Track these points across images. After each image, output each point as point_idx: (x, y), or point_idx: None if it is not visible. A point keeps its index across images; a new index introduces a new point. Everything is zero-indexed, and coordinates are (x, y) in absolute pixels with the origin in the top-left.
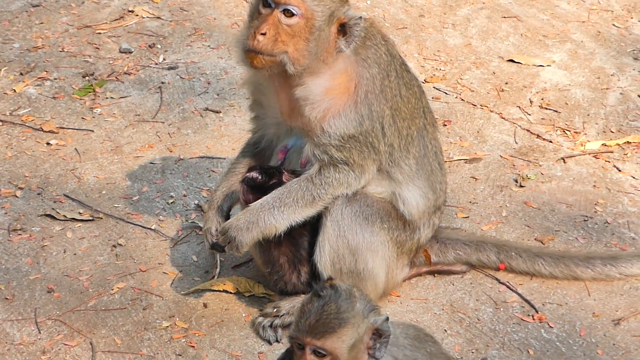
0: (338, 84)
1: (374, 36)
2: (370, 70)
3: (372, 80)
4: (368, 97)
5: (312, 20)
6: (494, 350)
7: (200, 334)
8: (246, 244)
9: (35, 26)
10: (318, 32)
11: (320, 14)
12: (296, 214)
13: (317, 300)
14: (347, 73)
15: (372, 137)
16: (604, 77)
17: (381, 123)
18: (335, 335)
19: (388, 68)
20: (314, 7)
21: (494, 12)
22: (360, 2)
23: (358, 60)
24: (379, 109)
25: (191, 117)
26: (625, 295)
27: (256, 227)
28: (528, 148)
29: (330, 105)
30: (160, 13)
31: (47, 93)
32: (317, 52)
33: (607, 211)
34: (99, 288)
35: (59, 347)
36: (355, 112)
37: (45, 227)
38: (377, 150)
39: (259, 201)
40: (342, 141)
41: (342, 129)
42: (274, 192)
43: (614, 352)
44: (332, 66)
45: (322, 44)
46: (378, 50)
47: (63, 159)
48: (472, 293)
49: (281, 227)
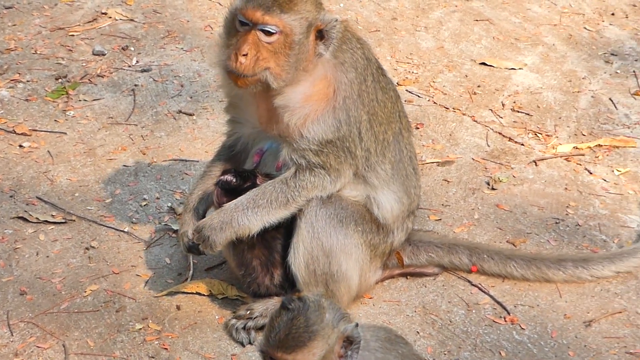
0: (317, 91)
1: (349, 40)
2: (347, 74)
3: (350, 85)
4: (346, 102)
5: (291, 35)
6: (466, 352)
7: (173, 336)
8: (220, 243)
9: (7, 28)
10: (298, 45)
11: (298, 28)
12: (270, 215)
13: (286, 313)
14: (326, 79)
15: (349, 142)
16: (575, 80)
17: (358, 128)
18: (305, 348)
19: (365, 72)
20: (292, 23)
21: (466, 15)
22: (333, 4)
23: (336, 64)
24: (356, 114)
25: (164, 119)
26: (597, 297)
27: (229, 227)
28: (500, 151)
29: (310, 111)
30: (134, 15)
31: (20, 95)
32: (297, 64)
33: (579, 214)
34: (72, 290)
35: (31, 350)
36: (334, 118)
37: (18, 230)
38: (353, 155)
39: (233, 202)
40: (320, 146)
41: (321, 134)
42: (249, 193)
43: (585, 353)
44: (312, 73)
45: (302, 55)
46: (354, 54)
47: (36, 161)
48: (444, 295)
49: (254, 227)
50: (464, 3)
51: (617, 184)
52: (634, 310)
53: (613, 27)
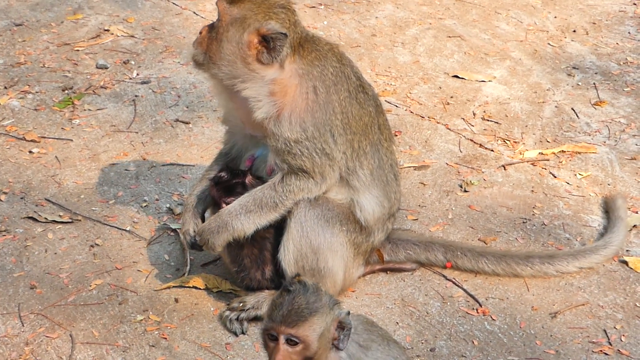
0: (280, 90)
1: (325, 57)
2: (313, 82)
3: (314, 91)
4: (310, 105)
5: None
6: (441, 341)
7: (172, 327)
8: (219, 245)
9: (18, 44)
10: (229, 39)
11: (231, 17)
12: (261, 218)
13: (287, 294)
14: (287, 81)
15: (321, 144)
16: (540, 91)
17: (330, 131)
18: (307, 323)
19: (337, 86)
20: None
21: (440, 32)
22: (318, 22)
23: (303, 74)
24: (324, 118)
25: (163, 127)
26: (561, 291)
27: (225, 231)
28: (472, 156)
29: (273, 107)
30: (134, 32)
31: (30, 105)
32: (232, 57)
33: (544, 214)
34: (78, 284)
35: (41, 339)
36: (298, 117)
37: (28, 229)
38: (331, 157)
39: (227, 207)
40: (288, 145)
41: (286, 132)
42: (241, 199)
43: (551, 342)
44: (266, 74)
45: (235, 50)
46: (325, 70)
47: (44, 166)
48: (421, 289)
49: (248, 230)
50: (437, 21)
51: (580, 187)
52: (596, 303)
53: (574, 43)
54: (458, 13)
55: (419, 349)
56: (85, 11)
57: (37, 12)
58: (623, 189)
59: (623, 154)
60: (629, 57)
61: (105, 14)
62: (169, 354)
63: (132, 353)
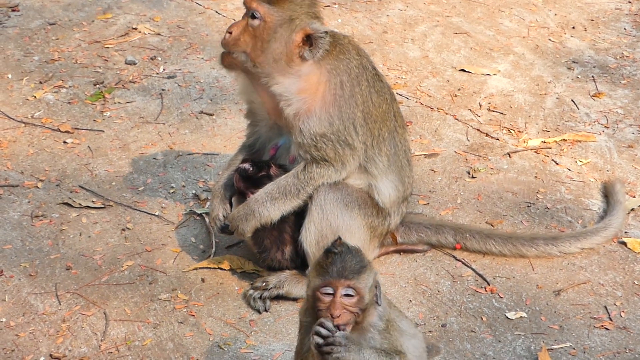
0: (309, 87)
1: (348, 51)
2: (340, 77)
3: (341, 86)
4: (338, 100)
5: (270, 25)
6: (452, 317)
7: (199, 305)
8: (248, 230)
9: (52, 41)
10: (276, 36)
11: (279, 21)
12: (286, 205)
13: (334, 255)
14: (318, 79)
15: (345, 136)
16: (542, 84)
17: (353, 124)
18: (361, 275)
19: (359, 78)
20: (274, 14)
21: (447, 29)
22: (332, 20)
23: (330, 69)
24: (349, 111)
25: (188, 119)
26: (564, 270)
27: (253, 218)
28: (478, 145)
29: (305, 105)
30: (160, 30)
31: (63, 99)
32: (274, 54)
33: (547, 198)
34: (111, 266)
35: (77, 317)
36: (326, 113)
37: (63, 214)
38: (352, 147)
39: (254, 196)
40: (314, 140)
41: (315, 128)
42: (266, 187)
43: (555, 318)
44: (299, 69)
45: (280, 47)
46: (350, 63)
47: (78, 155)
48: (432, 269)
49: (275, 216)
50: (445, 19)
51: (580, 173)
52: (597, 281)
53: (574, 39)
54: (464, 11)
55: (431, 325)
56: (114, 11)
57: (70, 12)
58: (621, 175)
59: (620, 142)
60: (625, 52)
61: (133, 14)
62: (196, 330)
63: (162, 329)
